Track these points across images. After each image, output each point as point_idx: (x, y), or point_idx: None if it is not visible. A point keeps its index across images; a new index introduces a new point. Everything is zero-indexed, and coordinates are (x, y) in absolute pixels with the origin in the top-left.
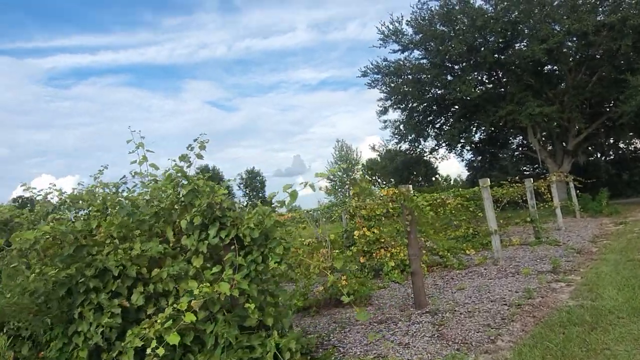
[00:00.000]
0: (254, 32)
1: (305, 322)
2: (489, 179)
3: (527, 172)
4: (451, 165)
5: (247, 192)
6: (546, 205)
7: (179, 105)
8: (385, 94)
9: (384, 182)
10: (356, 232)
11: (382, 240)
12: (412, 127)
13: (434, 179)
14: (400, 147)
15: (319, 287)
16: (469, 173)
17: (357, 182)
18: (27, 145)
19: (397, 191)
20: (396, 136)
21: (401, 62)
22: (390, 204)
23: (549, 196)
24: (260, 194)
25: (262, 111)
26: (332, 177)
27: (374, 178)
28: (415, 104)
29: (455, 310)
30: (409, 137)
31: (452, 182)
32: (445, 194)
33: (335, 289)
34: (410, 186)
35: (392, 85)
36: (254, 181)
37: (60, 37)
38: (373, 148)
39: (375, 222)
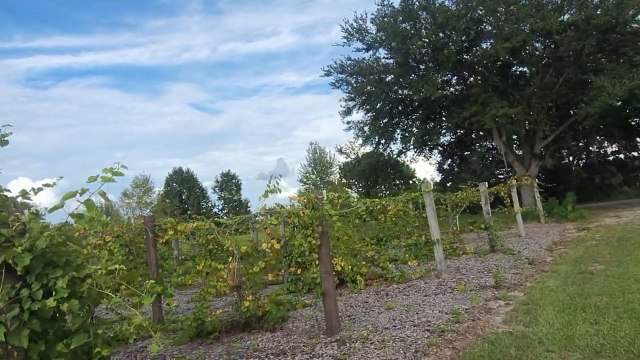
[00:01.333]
0: (238, 35)
1: (195, 354)
2: (431, 183)
3: (501, 176)
4: (431, 169)
5: (222, 195)
6: (505, 212)
7: (160, 108)
8: (348, 94)
9: (360, 186)
10: (264, 245)
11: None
12: (377, 129)
13: (411, 182)
14: (364, 149)
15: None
16: (441, 176)
17: (334, 184)
18: (4, 147)
19: (306, 198)
20: (360, 138)
21: (365, 62)
22: (301, 212)
23: (509, 201)
24: (236, 197)
25: (246, 114)
26: (305, 180)
27: (350, 181)
28: (380, 105)
29: (367, 339)
30: (374, 139)
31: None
32: (386, 200)
33: (241, 310)
34: (325, 191)
35: (357, 85)
36: (229, 184)
37: (40, 37)
38: (340, 150)
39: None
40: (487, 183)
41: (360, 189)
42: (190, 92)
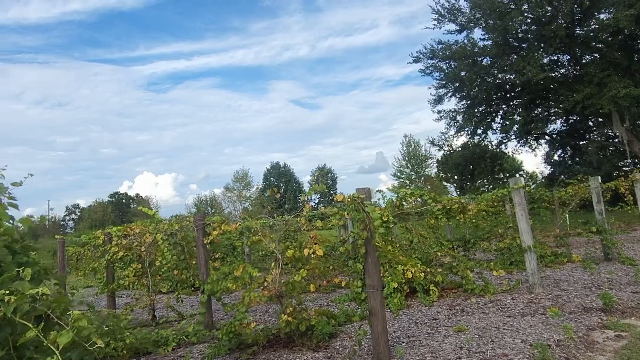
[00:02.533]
0: (336, 31)
1: None
2: (522, 179)
3: (626, 169)
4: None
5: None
6: (628, 210)
7: (265, 105)
8: (439, 82)
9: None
10: (306, 251)
11: (386, 254)
12: (472, 118)
13: (517, 175)
14: (457, 140)
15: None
16: (550, 170)
17: (431, 179)
18: (131, 146)
19: (349, 198)
20: (453, 128)
21: (459, 44)
22: (346, 214)
23: (632, 199)
24: (332, 192)
25: (345, 109)
26: (399, 175)
27: (448, 175)
28: (475, 91)
29: None
30: (469, 129)
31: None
32: (465, 199)
33: (279, 324)
34: (371, 188)
35: (449, 71)
36: (325, 179)
37: (160, 45)
38: (432, 142)
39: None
40: (600, 178)
41: (455, 184)
42: (292, 89)
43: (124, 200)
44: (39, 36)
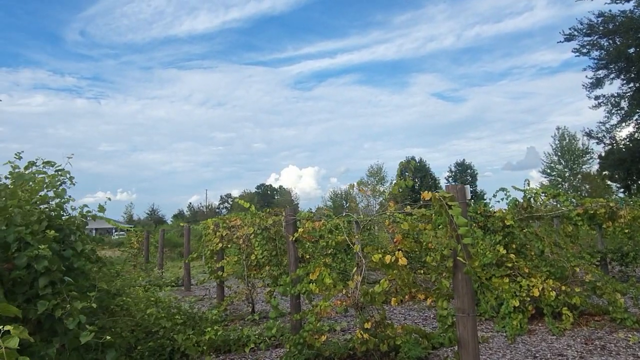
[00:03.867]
0: (484, 17)
1: None
2: None
3: None
4: None
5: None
6: None
7: (405, 99)
8: (598, 61)
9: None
10: (387, 257)
11: (510, 264)
12: (639, 104)
13: None
14: (620, 130)
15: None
16: None
17: (592, 177)
18: (278, 140)
19: (433, 196)
20: (615, 116)
21: (626, 14)
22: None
23: None
24: (471, 189)
25: (492, 100)
26: (549, 171)
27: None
28: None
29: None
30: (635, 117)
31: None
32: (614, 202)
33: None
34: (468, 187)
35: (611, 48)
36: (463, 174)
37: (306, 45)
38: (589, 134)
39: (508, 235)
40: None
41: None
42: (434, 81)
43: (268, 191)
44: (204, 44)
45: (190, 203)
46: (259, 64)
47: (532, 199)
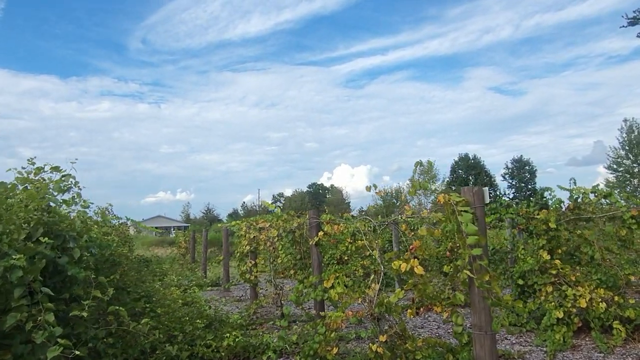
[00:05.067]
0: (545, 5)
1: None
2: None
3: None
4: None
5: (514, 183)
6: None
7: (460, 95)
8: None
9: None
10: (402, 265)
11: (554, 271)
12: None
13: None
14: None
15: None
16: None
17: None
18: (330, 139)
19: (442, 198)
20: None
21: None
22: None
23: None
24: (530, 186)
25: (554, 93)
26: (615, 166)
27: None
28: None
29: None
30: None
31: None
32: None
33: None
34: (486, 189)
35: None
36: (522, 171)
37: (358, 43)
38: None
39: (553, 239)
40: None
41: None
42: (490, 75)
43: (320, 190)
44: (257, 46)
45: (244, 202)
46: (310, 64)
47: (579, 199)
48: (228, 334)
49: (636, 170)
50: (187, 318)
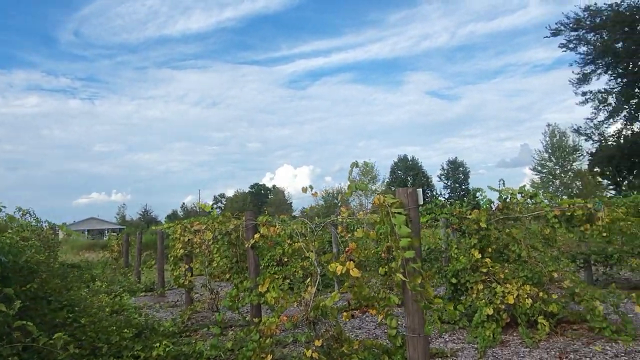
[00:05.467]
0: (478, 15)
1: None
2: None
3: None
4: None
5: (449, 184)
6: None
7: (400, 98)
8: (585, 56)
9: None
10: (338, 267)
11: (485, 269)
12: (628, 98)
13: None
14: (607, 127)
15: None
16: None
17: (584, 174)
18: (273, 140)
19: (377, 200)
20: (602, 112)
21: (614, 9)
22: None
23: None
24: (463, 186)
25: (486, 98)
26: (540, 168)
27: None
28: (634, 64)
29: None
30: (626, 113)
31: None
32: (594, 203)
33: None
34: (420, 190)
35: (599, 42)
36: (456, 172)
37: (301, 44)
38: (577, 131)
39: (484, 238)
40: None
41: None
42: (428, 80)
43: (262, 191)
44: (198, 44)
45: (184, 203)
46: (253, 63)
47: (507, 199)
48: (158, 344)
49: (558, 171)
50: (114, 327)
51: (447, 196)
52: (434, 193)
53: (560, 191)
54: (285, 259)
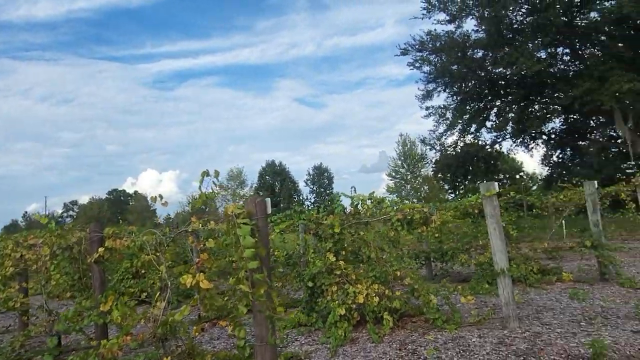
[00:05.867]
0: (342, 29)
1: None
2: (496, 184)
3: (630, 171)
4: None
5: (315, 189)
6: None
7: (269, 103)
8: (428, 75)
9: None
10: (187, 279)
11: (339, 271)
12: (462, 114)
13: (517, 177)
14: (446, 138)
15: None
16: (548, 171)
17: (430, 180)
18: (135, 142)
19: (228, 209)
20: (442, 125)
21: (449, 35)
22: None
23: (635, 206)
24: (328, 191)
25: (349, 107)
26: (394, 174)
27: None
28: (467, 86)
29: None
30: (461, 126)
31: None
32: (429, 207)
33: None
34: (269, 200)
35: (439, 64)
36: (321, 177)
37: (167, 43)
38: (423, 141)
39: (338, 242)
40: (596, 182)
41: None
42: (296, 87)
43: (121, 197)
44: (46, 33)
45: (27, 212)
46: (112, 59)
47: (358, 205)
48: None
49: (409, 177)
50: None
51: (313, 200)
52: (301, 198)
53: (411, 195)
54: (143, 271)
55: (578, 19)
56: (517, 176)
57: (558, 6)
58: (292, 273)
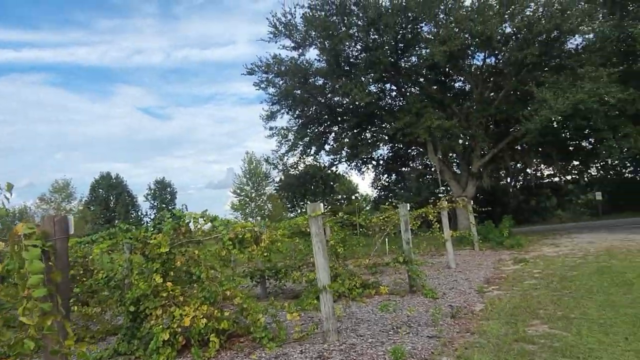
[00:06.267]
0: (192, 41)
1: None
2: (321, 205)
3: (441, 195)
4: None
5: (155, 204)
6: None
7: (108, 110)
8: (272, 97)
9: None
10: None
11: (165, 294)
12: (302, 137)
13: (353, 197)
14: (289, 159)
15: None
16: (377, 193)
17: (275, 198)
18: None
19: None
20: (284, 146)
21: (292, 61)
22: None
23: (439, 226)
24: (170, 207)
25: (198, 122)
26: (239, 191)
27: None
28: (308, 110)
29: None
30: (301, 148)
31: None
32: (259, 226)
33: None
34: (71, 217)
35: (283, 87)
36: (163, 192)
37: None
38: (267, 161)
39: (166, 262)
40: (408, 205)
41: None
42: (141, 95)
43: None
44: None
45: None
46: None
47: (190, 223)
48: None
49: (254, 195)
50: None
51: (152, 216)
52: (139, 213)
53: (255, 212)
54: None
55: (402, 61)
56: (353, 197)
57: (387, 47)
58: (114, 297)
